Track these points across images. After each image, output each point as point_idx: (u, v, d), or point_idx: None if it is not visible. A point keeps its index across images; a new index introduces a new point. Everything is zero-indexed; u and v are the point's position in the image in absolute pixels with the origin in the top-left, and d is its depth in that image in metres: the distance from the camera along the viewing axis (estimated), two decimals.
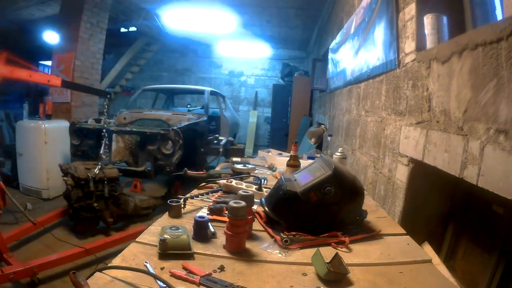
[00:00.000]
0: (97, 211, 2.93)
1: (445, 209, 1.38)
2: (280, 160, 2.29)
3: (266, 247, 1.00)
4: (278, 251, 0.97)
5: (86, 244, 2.55)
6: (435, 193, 1.36)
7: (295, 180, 1.18)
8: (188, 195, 1.40)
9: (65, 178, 2.93)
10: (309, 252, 0.93)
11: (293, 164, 1.62)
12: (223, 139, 3.85)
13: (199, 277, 0.80)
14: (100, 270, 0.81)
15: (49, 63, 5.58)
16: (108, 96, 3.47)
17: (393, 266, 0.94)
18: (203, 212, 1.25)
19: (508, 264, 1.02)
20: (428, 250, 1.17)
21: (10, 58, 2.41)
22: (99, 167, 2.95)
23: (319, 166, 1.19)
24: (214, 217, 1.19)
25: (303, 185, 1.11)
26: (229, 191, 1.52)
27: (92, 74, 5.36)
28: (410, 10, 1.44)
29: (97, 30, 5.32)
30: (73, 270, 0.77)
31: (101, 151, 3.21)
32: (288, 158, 2.20)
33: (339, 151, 1.69)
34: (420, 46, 1.35)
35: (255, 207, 1.26)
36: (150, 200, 3.53)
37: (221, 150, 3.65)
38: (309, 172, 1.18)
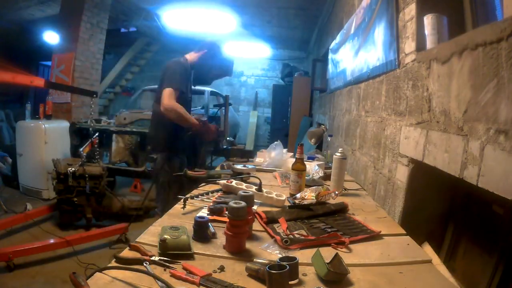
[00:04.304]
0: (78, 205, 3.06)
1: (445, 209, 1.38)
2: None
3: (266, 247, 1.00)
4: (278, 251, 0.97)
5: (67, 236, 2.69)
6: (435, 193, 1.36)
7: None
8: (188, 195, 1.40)
9: (49, 172, 3.12)
10: (309, 252, 0.93)
11: (299, 168, 1.54)
12: None
13: (199, 277, 0.80)
14: (100, 271, 0.81)
15: (49, 63, 5.57)
16: (94, 96, 3.49)
17: (393, 266, 0.94)
18: (203, 213, 1.25)
19: (508, 264, 1.02)
20: (428, 250, 1.17)
21: None
22: (79, 163, 3.08)
23: None
24: (214, 217, 1.19)
25: None
26: (229, 191, 1.52)
27: (92, 74, 5.36)
28: (410, 10, 1.44)
29: (97, 30, 5.32)
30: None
31: (81, 149, 3.25)
32: (288, 158, 2.20)
33: (339, 151, 1.68)
34: (420, 46, 1.35)
35: (255, 207, 1.26)
36: (141, 201, 3.53)
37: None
38: None
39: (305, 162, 1.67)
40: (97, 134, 3.51)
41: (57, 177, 3.03)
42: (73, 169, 3.01)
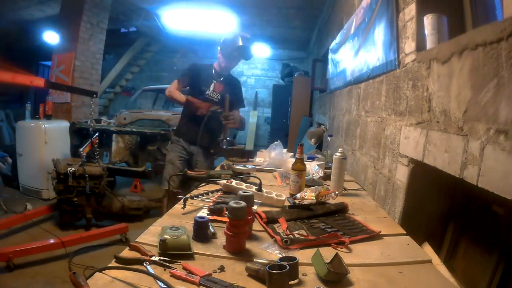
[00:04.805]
0: (78, 205, 3.06)
1: (445, 209, 1.38)
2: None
3: (266, 247, 1.00)
4: (278, 251, 0.97)
5: (66, 236, 2.69)
6: (435, 194, 1.36)
7: None
8: (188, 195, 1.40)
9: (49, 172, 3.17)
10: (309, 252, 0.93)
11: (299, 168, 1.56)
12: None
13: (199, 277, 0.80)
14: (100, 271, 0.81)
15: (49, 63, 5.58)
16: (94, 96, 3.48)
17: (393, 266, 0.94)
18: (203, 213, 1.25)
19: (508, 264, 1.02)
20: (428, 250, 1.17)
21: None
22: (79, 163, 3.08)
23: None
24: (214, 217, 1.19)
25: None
26: (229, 191, 1.52)
27: (92, 74, 5.36)
28: (410, 10, 1.44)
29: (97, 30, 5.31)
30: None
31: (81, 149, 3.26)
32: (288, 158, 2.20)
33: (339, 151, 1.68)
34: (420, 46, 1.35)
35: (255, 207, 1.26)
36: (141, 201, 3.53)
37: None
38: None
39: (305, 162, 1.67)
40: (97, 134, 3.51)
41: (57, 177, 3.03)
42: (73, 169, 3.01)
